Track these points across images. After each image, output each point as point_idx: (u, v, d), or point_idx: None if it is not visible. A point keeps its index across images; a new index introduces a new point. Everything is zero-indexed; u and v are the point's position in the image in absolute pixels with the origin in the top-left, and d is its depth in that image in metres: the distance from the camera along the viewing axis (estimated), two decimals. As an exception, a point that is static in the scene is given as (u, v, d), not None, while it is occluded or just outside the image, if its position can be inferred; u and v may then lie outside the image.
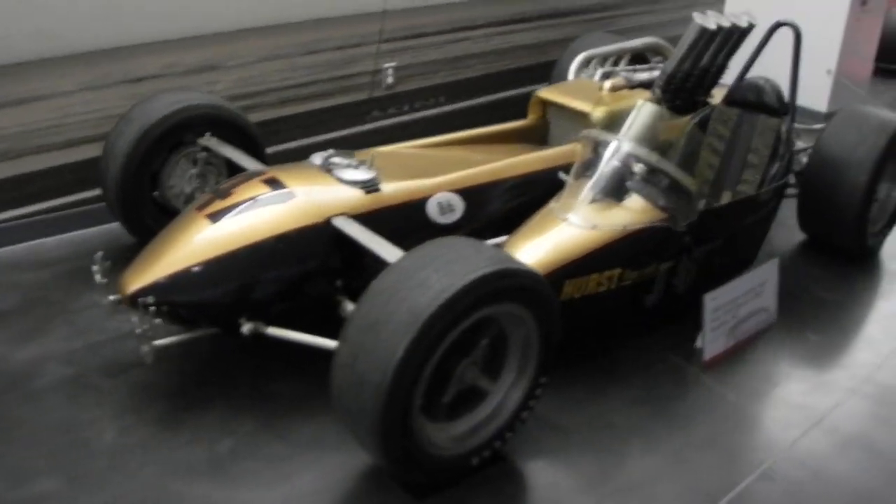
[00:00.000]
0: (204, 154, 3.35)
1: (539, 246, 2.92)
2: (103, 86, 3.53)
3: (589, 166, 3.13)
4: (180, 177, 3.39)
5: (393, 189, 2.95)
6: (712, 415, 2.90)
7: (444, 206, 3.03)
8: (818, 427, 2.86)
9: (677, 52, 3.81)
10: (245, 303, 2.65)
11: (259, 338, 2.67)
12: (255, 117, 4.04)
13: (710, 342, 3.15)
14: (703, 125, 3.83)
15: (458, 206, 3.07)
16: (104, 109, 3.47)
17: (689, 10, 5.98)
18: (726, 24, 3.79)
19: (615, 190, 3.08)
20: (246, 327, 2.63)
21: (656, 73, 4.01)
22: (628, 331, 3.31)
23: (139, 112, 3.28)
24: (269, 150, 4.03)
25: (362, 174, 2.93)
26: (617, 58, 4.47)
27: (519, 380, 2.52)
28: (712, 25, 3.73)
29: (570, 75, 4.33)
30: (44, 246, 3.56)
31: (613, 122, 3.51)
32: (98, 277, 2.68)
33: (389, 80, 4.52)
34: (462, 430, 2.46)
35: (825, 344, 3.41)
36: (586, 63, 4.36)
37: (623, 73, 3.92)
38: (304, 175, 2.91)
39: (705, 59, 3.97)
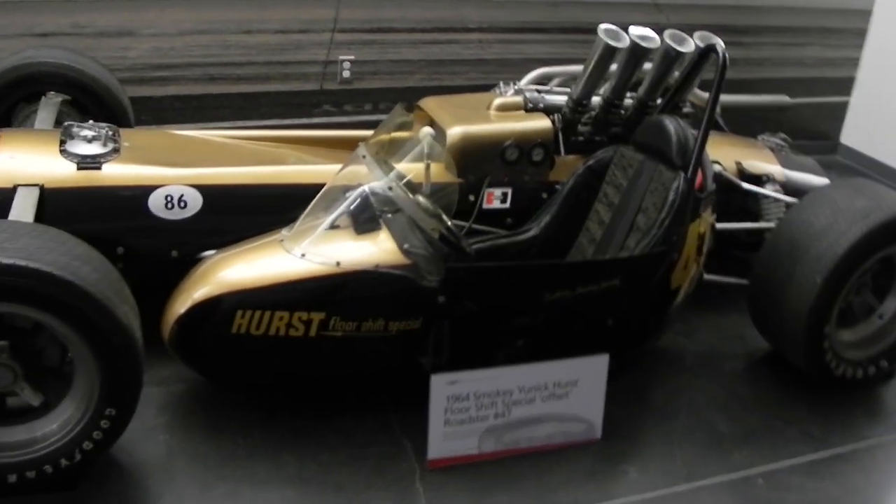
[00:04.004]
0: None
1: (234, 264, 2.47)
2: (3, 36, 3.63)
3: (345, 187, 2.57)
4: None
5: (116, 171, 2.67)
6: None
7: (174, 200, 2.67)
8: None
9: (582, 75, 3.04)
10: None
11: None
12: (174, 90, 3.96)
13: (442, 438, 2.44)
14: (602, 169, 3.01)
15: (194, 204, 2.69)
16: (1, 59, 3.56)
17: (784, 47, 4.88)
18: (650, 45, 2.94)
19: (363, 219, 2.49)
20: None
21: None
22: (404, 393, 2.69)
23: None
24: (194, 126, 3.92)
25: (89, 149, 2.69)
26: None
27: (81, 405, 2.14)
28: (620, 43, 2.91)
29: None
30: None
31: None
32: None
33: (346, 73, 4.16)
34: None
35: (640, 485, 2.49)
36: (544, 81, 3.64)
37: (529, 92, 3.19)
38: (31, 140, 2.76)
39: (643, 91, 3.14)
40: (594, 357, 2.56)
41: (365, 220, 2.49)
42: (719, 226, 3.15)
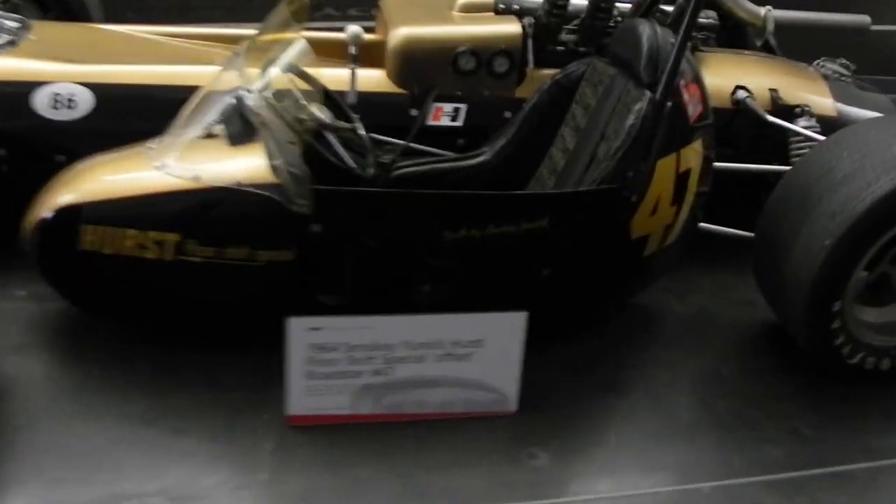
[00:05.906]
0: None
1: (94, 173, 2.17)
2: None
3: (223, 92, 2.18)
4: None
5: (2, 64, 2.42)
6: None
7: (62, 99, 2.40)
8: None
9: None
10: None
11: None
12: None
13: (304, 392, 2.06)
14: (573, 85, 2.45)
15: (84, 104, 2.41)
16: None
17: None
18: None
19: (238, 129, 2.11)
20: None
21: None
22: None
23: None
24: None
25: (-14, 42, 2.46)
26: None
27: None
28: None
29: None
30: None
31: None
32: None
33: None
34: None
35: (543, 476, 2.01)
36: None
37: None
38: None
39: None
40: (507, 314, 2.08)
41: (241, 130, 2.11)
42: (723, 166, 2.53)
